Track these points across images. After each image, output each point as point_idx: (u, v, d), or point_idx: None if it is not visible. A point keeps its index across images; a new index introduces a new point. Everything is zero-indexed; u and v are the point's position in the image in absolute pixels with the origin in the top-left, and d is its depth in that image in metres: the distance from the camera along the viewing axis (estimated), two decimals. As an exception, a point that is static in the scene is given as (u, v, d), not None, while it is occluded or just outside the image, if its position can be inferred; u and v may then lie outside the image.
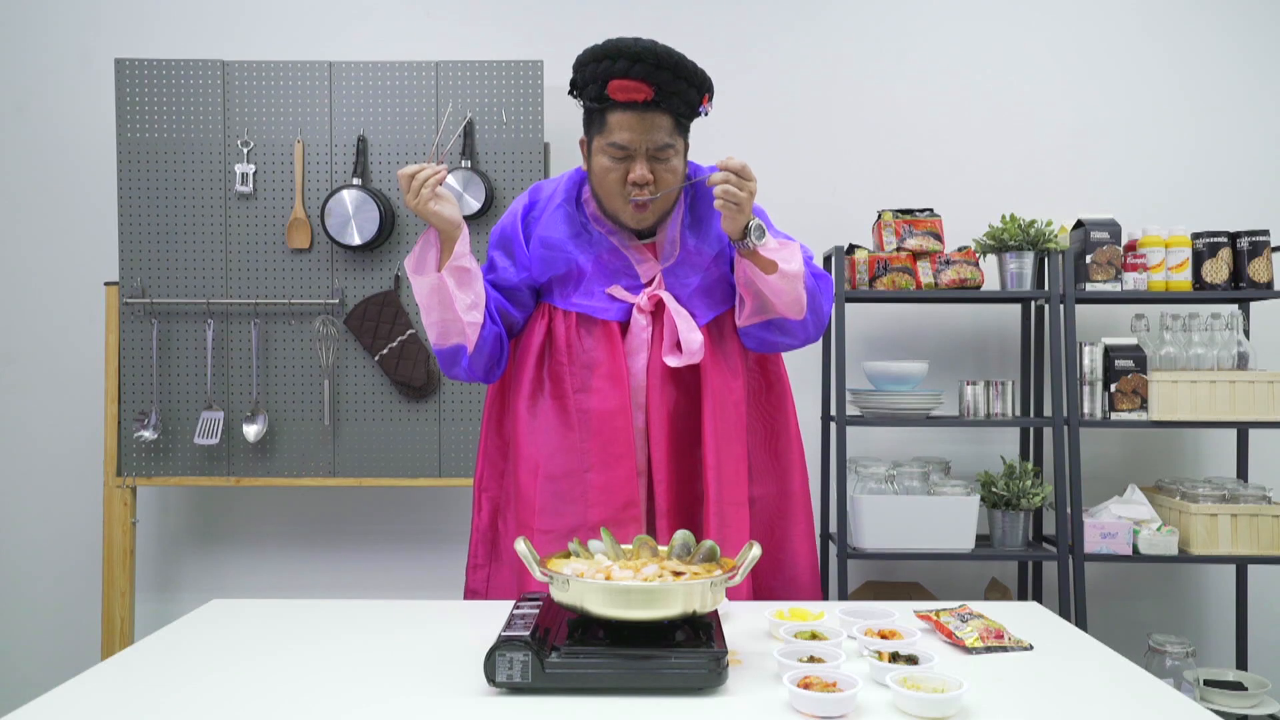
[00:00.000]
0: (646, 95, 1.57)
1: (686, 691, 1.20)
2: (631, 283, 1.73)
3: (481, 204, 2.74)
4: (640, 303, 1.71)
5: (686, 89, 1.60)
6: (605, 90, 1.59)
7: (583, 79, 1.63)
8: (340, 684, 1.26)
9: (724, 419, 1.73)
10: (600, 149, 1.64)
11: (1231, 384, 2.68)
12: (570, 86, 1.68)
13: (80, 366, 3.06)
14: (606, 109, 1.61)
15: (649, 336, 1.71)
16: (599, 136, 1.64)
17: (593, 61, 1.60)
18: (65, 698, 1.22)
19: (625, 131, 1.60)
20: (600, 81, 1.59)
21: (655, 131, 1.60)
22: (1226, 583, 3.01)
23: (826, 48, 3.14)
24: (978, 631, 1.42)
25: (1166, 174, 3.11)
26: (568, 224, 1.74)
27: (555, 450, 1.73)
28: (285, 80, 2.80)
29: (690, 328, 1.68)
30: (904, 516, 2.62)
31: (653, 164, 1.62)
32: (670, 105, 1.60)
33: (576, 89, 1.66)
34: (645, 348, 1.71)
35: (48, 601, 3.12)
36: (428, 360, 2.78)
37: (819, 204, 3.08)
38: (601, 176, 1.66)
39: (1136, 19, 3.13)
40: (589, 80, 1.61)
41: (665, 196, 1.67)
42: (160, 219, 2.79)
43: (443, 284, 1.63)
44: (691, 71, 1.60)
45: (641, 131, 1.60)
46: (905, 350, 3.09)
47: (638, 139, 1.60)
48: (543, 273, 1.75)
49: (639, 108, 1.58)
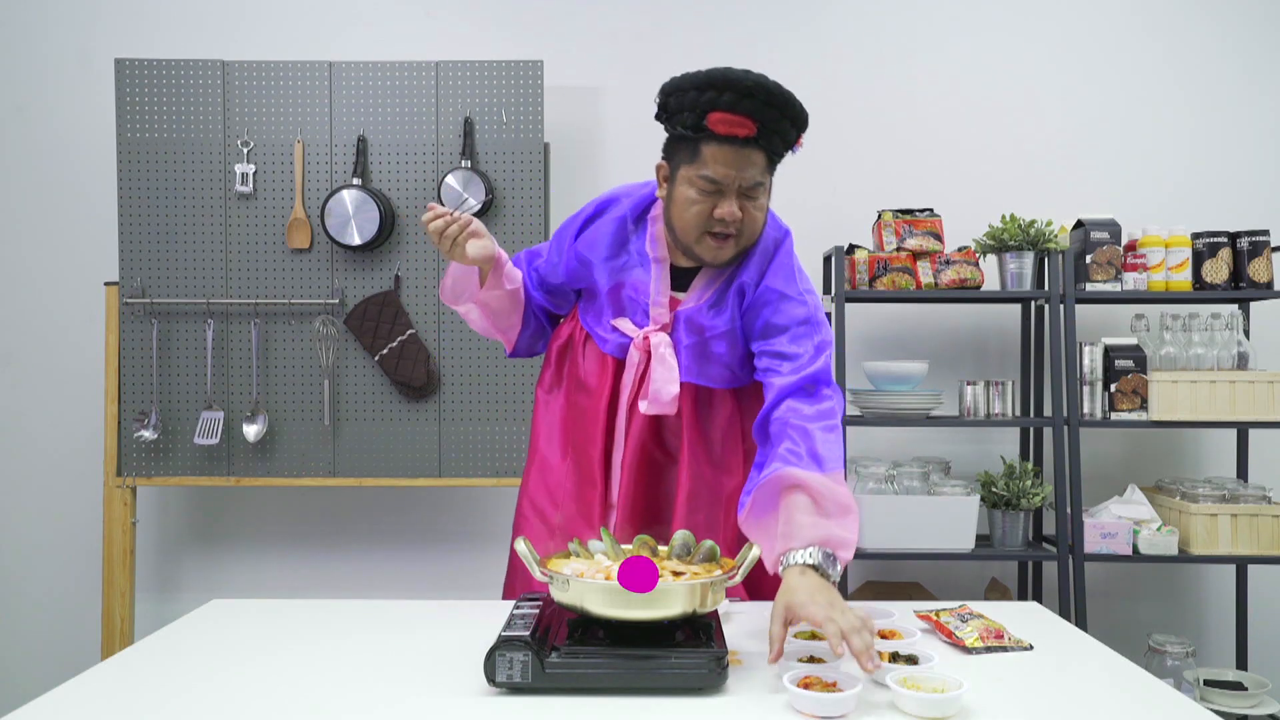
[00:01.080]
0: (749, 132, 1.49)
1: (686, 691, 1.20)
2: (642, 319, 1.70)
3: (481, 204, 2.74)
4: (637, 340, 1.68)
5: (789, 129, 1.54)
6: (704, 121, 1.50)
7: (678, 105, 1.54)
8: (340, 684, 1.26)
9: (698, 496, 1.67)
10: (688, 180, 1.55)
11: (1231, 384, 2.68)
12: (660, 113, 1.59)
13: (80, 366, 3.06)
14: (701, 140, 1.52)
15: (637, 375, 1.69)
16: (688, 167, 1.55)
17: (694, 89, 1.51)
18: (65, 698, 1.22)
19: (721, 166, 1.52)
20: (700, 111, 1.50)
21: (750, 169, 1.53)
22: (1226, 583, 3.01)
23: (827, 48, 3.14)
24: (978, 631, 1.42)
25: (1166, 174, 3.11)
26: (612, 239, 1.70)
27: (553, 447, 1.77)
28: (285, 80, 2.80)
29: (668, 379, 1.63)
30: (904, 516, 2.62)
31: (742, 200, 1.55)
32: (769, 143, 1.53)
33: (667, 114, 1.57)
34: (633, 385, 1.69)
35: (48, 601, 3.12)
36: (428, 360, 2.78)
37: (819, 204, 3.08)
38: (684, 208, 1.57)
39: (1136, 19, 3.13)
40: (686, 108, 1.52)
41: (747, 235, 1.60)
42: (160, 219, 2.79)
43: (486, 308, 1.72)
44: (798, 112, 1.53)
45: (737, 168, 1.52)
46: (905, 350, 3.09)
47: (732, 175, 1.52)
48: (574, 281, 1.77)
49: (738, 143, 1.51)
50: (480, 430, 2.81)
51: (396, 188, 2.80)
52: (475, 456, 2.81)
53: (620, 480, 1.69)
